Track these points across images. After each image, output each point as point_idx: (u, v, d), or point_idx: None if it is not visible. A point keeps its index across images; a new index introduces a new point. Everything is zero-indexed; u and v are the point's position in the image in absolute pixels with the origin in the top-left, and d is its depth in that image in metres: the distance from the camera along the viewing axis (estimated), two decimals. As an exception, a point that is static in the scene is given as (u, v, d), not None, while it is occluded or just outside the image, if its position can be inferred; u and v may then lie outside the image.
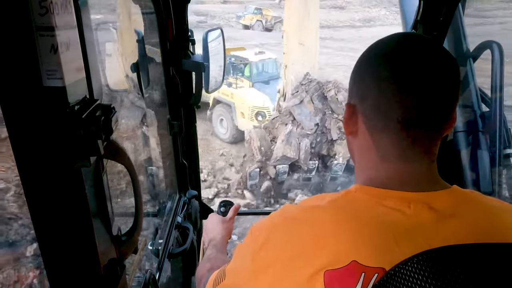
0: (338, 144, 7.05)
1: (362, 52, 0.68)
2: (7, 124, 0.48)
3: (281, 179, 6.99)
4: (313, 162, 6.91)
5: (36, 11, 0.44)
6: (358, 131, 0.69)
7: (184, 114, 1.73)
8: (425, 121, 0.61)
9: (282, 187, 7.15)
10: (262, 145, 6.98)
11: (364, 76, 0.65)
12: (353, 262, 0.55)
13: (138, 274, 1.16)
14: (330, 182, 6.98)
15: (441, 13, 1.36)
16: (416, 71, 0.59)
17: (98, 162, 0.59)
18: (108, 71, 1.58)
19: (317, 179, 7.02)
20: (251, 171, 6.91)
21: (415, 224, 0.58)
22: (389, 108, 0.61)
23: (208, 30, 1.59)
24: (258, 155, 6.96)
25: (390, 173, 0.65)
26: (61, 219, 0.56)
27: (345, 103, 0.71)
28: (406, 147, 0.63)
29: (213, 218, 1.29)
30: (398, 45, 0.63)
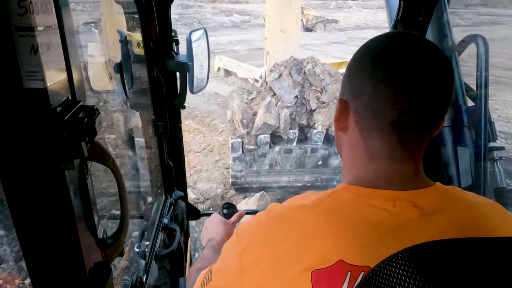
0: (316, 113, 7.17)
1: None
2: (-14, 127, 0.47)
3: (263, 151, 7.03)
4: (293, 132, 7.02)
5: (15, 11, 0.43)
6: (348, 127, 0.69)
7: (169, 115, 1.72)
8: (417, 125, 0.61)
9: (264, 161, 7.19)
10: (244, 118, 7.10)
11: (359, 73, 0.64)
12: (339, 262, 0.56)
13: (125, 277, 1.14)
14: (311, 155, 7.07)
15: (421, 12, 1.39)
16: (413, 75, 0.59)
17: (82, 164, 0.58)
18: (91, 72, 1.55)
19: (298, 152, 7.09)
20: (233, 142, 7.00)
21: (400, 222, 0.59)
22: (383, 109, 0.61)
23: (191, 30, 1.58)
24: (241, 128, 7.06)
25: (378, 172, 0.65)
26: (45, 222, 0.55)
27: (337, 99, 0.71)
28: (395, 148, 0.63)
29: (215, 218, 1.26)
30: (396, 45, 0.62)
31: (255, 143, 7.10)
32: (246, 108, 7.27)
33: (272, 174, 7.36)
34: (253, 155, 7.20)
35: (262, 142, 7.06)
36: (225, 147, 8.62)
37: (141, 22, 1.42)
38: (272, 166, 7.36)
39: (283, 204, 0.68)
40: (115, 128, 2.01)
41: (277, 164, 7.34)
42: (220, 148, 8.99)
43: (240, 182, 7.30)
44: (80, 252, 0.59)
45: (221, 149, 8.89)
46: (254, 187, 7.32)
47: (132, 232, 1.63)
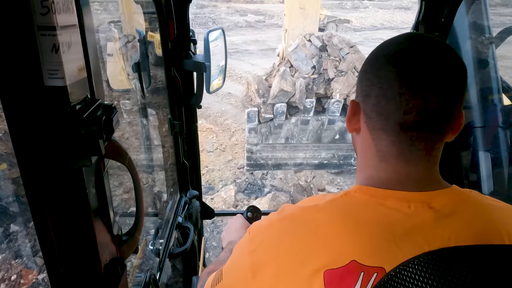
0: (334, 81, 6.95)
1: None
2: (8, 123, 0.48)
3: (279, 121, 6.82)
4: (310, 101, 6.81)
5: (37, 10, 0.44)
6: (360, 129, 0.69)
7: (185, 114, 1.73)
8: (425, 124, 0.60)
9: (280, 133, 6.97)
10: (259, 88, 6.99)
11: (369, 75, 0.65)
12: (352, 262, 0.56)
13: (138, 274, 1.16)
14: (328, 127, 6.82)
15: (443, 13, 1.36)
16: (418, 73, 0.59)
17: (99, 162, 0.59)
18: (110, 70, 1.58)
19: (315, 124, 6.85)
20: (249, 111, 6.83)
21: (415, 224, 0.58)
22: (389, 109, 0.61)
23: (209, 30, 1.59)
24: (256, 98, 6.95)
25: (389, 173, 0.65)
26: (62, 218, 0.56)
27: (350, 100, 0.72)
28: (405, 148, 0.63)
29: (239, 220, 1.24)
30: (403, 46, 0.62)
31: (272, 112, 6.86)
32: (261, 79, 7.13)
33: (288, 149, 7.10)
34: (269, 127, 6.96)
35: (278, 112, 6.82)
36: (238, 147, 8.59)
37: (159, 22, 1.44)
38: (288, 140, 7.09)
39: (296, 205, 0.68)
40: (132, 127, 2.04)
41: (293, 137, 7.08)
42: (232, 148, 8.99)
43: (255, 158, 7.07)
44: (95, 248, 0.60)
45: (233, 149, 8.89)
46: (269, 163, 7.11)
47: (146, 229, 1.64)
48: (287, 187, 7.76)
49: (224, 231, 1.25)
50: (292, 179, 8.11)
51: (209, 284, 0.79)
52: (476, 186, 1.61)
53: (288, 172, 8.21)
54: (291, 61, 7.17)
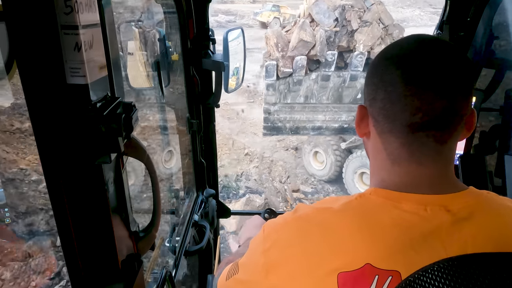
0: (358, 32, 6.46)
1: None
2: (32, 120, 0.50)
3: (299, 76, 6.42)
4: (332, 53, 6.34)
5: (61, 10, 0.45)
6: (370, 133, 0.69)
7: (203, 113, 1.75)
8: (432, 124, 0.59)
9: (299, 91, 6.57)
10: (278, 42, 6.58)
11: (374, 78, 0.65)
12: (367, 265, 0.55)
13: (155, 270, 1.17)
14: (350, 84, 6.33)
15: (469, 13, 1.32)
16: (422, 73, 0.58)
17: (118, 159, 0.60)
18: (130, 69, 1.61)
19: (336, 80, 6.38)
20: (267, 64, 6.42)
21: (432, 227, 0.57)
22: (395, 111, 0.61)
23: (228, 29, 1.59)
24: (275, 52, 6.54)
25: (402, 176, 0.64)
26: (81, 213, 0.57)
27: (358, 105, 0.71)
28: (415, 149, 0.62)
29: (257, 220, 1.28)
30: (406, 47, 0.63)
31: (291, 66, 6.43)
32: (281, 33, 6.73)
33: (307, 110, 6.79)
34: (287, 83, 6.56)
35: (298, 65, 6.43)
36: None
37: (179, 21, 1.45)
38: (308, 99, 6.69)
39: (311, 206, 0.68)
40: (151, 124, 2.07)
41: (313, 96, 6.69)
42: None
43: (273, 120, 6.79)
44: (113, 243, 0.61)
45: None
46: (287, 126, 6.86)
47: (163, 227, 1.67)
48: (261, 188, 7.63)
49: (242, 229, 1.28)
50: (267, 180, 8.01)
51: (225, 273, 0.80)
52: (501, 191, 1.56)
53: (263, 173, 8.10)
54: (312, 15, 6.70)
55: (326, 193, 7.79)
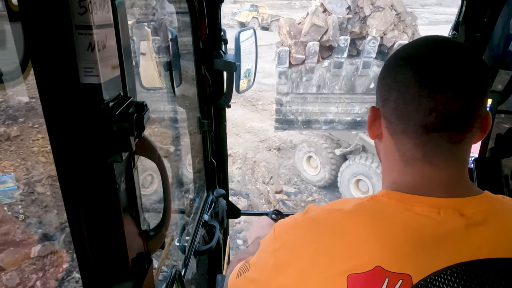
0: (371, 17, 6.37)
1: None
2: (46, 118, 0.50)
3: (311, 64, 6.34)
4: (345, 39, 6.22)
5: (76, 10, 0.45)
6: (382, 134, 0.68)
7: (214, 113, 1.75)
8: (447, 124, 0.59)
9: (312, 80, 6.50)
10: (291, 30, 6.56)
11: (386, 79, 0.64)
12: (377, 268, 0.54)
13: (164, 269, 1.18)
14: (363, 72, 6.23)
15: (486, 13, 1.29)
16: (436, 73, 0.58)
17: (129, 158, 0.61)
18: (142, 69, 1.62)
19: (349, 68, 6.28)
20: (280, 50, 6.33)
21: (445, 231, 0.56)
22: (409, 111, 0.60)
23: (240, 29, 1.59)
24: (288, 39, 6.52)
25: (415, 177, 0.63)
26: (93, 211, 0.58)
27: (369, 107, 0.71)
28: (429, 151, 0.61)
29: (265, 220, 1.30)
30: (419, 48, 0.62)
31: (303, 52, 6.31)
32: (293, 21, 6.70)
33: (319, 101, 6.67)
34: (300, 71, 6.44)
35: (310, 52, 6.30)
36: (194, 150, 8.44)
37: (191, 21, 1.46)
38: (320, 88, 6.54)
39: (321, 207, 0.68)
40: (162, 124, 2.08)
41: (325, 86, 6.53)
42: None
43: (285, 112, 6.70)
44: (124, 241, 0.61)
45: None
46: (299, 119, 6.76)
47: (173, 226, 1.68)
48: (245, 189, 7.54)
49: (250, 229, 1.29)
50: (250, 181, 7.93)
51: (236, 271, 0.81)
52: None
53: (246, 174, 8.02)
54: (325, 4, 6.63)
55: (309, 193, 7.70)
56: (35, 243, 2.83)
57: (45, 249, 2.82)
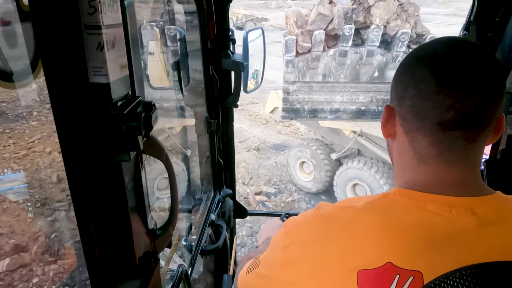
0: (374, 7, 6.63)
1: None
2: (55, 117, 0.51)
3: (317, 52, 6.54)
4: (349, 27, 6.45)
5: (85, 10, 0.46)
6: (396, 133, 0.68)
7: (222, 113, 1.75)
8: (464, 122, 0.59)
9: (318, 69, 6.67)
10: (298, 20, 6.83)
11: (403, 77, 0.64)
12: (388, 264, 0.55)
13: (171, 268, 1.18)
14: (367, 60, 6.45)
15: (498, 13, 1.27)
16: (455, 71, 0.58)
17: (137, 157, 0.61)
18: (150, 69, 1.63)
19: (353, 57, 6.50)
20: (287, 39, 6.59)
21: (456, 229, 0.56)
22: (426, 109, 0.60)
23: (249, 29, 1.59)
24: (295, 29, 6.76)
25: (429, 176, 0.63)
26: (101, 210, 0.58)
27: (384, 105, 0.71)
28: (444, 148, 0.61)
29: (276, 222, 1.32)
30: (438, 48, 0.62)
31: (310, 41, 6.54)
32: (300, 12, 6.99)
33: (325, 90, 6.79)
34: (306, 60, 6.59)
35: (316, 40, 6.47)
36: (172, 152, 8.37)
37: (199, 21, 1.46)
38: (326, 77, 6.69)
39: (333, 204, 0.68)
40: (170, 124, 2.09)
41: (330, 74, 6.67)
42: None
43: (292, 100, 6.83)
44: (131, 240, 0.62)
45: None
46: (305, 108, 6.86)
47: (180, 225, 1.68)
48: None
49: (260, 230, 1.31)
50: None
51: (246, 267, 0.82)
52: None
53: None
54: None
55: (289, 192, 7.64)
56: (6, 255, 2.74)
57: (15, 263, 2.73)
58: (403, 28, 6.20)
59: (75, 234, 3.42)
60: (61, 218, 3.59)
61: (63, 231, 3.45)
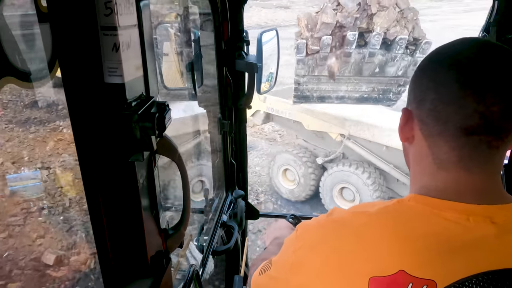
0: (376, 16, 7.32)
1: None
2: (71, 116, 0.52)
3: (324, 53, 7.20)
4: (353, 34, 7.18)
5: (101, 11, 0.46)
6: (414, 137, 0.66)
7: (234, 114, 1.76)
8: (487, 128, 0.57)
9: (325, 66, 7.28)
10: (308, 23, 7.51)
11: (423, 80, 0.63)
12: (400, 272, 0.53)
13: (182, 268, 1.19)
14: (369, 60, 7.17)
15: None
16: (479, 75, 0.56)
17: (150, 157, 0.62)
18: (165, 69, 1.64)
19: (357, 57, 7.19)
20: (298, 43, 7.34)
21: (474, 238, 0.55)
22: (448, 113, 0.58)
23: (263, 30, 1.59)
24: (305, 32, 7.50)
25: (447, 182, 0.61)
26: (114, 209, 0.59)
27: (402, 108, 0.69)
28: (465, 154, 0.59)
29: (283, 223, 1.32)
30: (459, 49, 0.61)
31: (318, 44, 7.22)
32: (310, 14, 7.67)
33: (331, 82, 7.36)
34: (315, 59, 7.19)
35: (324, 44, 7.14)
36: None
37: (214, 23, 1.47)
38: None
39: (347, 210, 0.67)
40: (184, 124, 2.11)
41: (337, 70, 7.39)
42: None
43: (302, 89, 7.34)
44: (143, 239, 0.62)
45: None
46: (314, 95, 7.41)
47: (192, 225, 1.69)
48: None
49: (267, 232, 1.30)
50: None
51: (259, 269, 0.82)
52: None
53: None
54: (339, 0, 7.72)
55: (255, 194, 7.50)
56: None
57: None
58: (402, 34, 6.89)
59: (31, 250, 3.41)
60: (15, 234, 3.55)
61: (18, 248, 3.42)
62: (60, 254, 3.87)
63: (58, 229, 4.28)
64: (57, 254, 3.85)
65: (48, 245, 3.99)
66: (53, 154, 5.41)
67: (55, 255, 3.82)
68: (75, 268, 3.82)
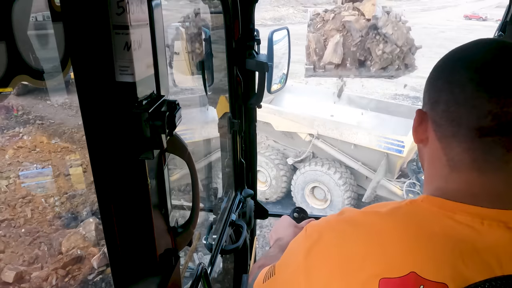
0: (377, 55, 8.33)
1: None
2: (82, 114, 0.52)
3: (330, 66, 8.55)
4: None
5: (114, 10, 0.47)
6: (428, 139, 0.66)
7: (245, 113, 1.76)
8: (501, 129, 0.56)
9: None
10: (316, 47, 8.64)
11: (437, 81, 0.62)
12: (411, 273, 0.53)
13: (190, 266, 1.20)
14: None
15: (536, 13, 1.21)
16: (494, 75, 0.55)
17: (160, 155, 0.62)
18: (175, 68, 1.65)
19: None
20: (307, 67, 8.70)
21: (487, 243, 0.54)
22: (461, 114, 0.58)
23: (274, 30, 1.59)
24: (313, 56, 8.67)
25: (460, 184, 0.60)
26: (124, 206, 0.60)
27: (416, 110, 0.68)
28: (479, 156, 0.58)
29: (286, 220, 1.28)
30: (474, 50, 0.60)
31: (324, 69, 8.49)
32: (319, 37, 8.67)
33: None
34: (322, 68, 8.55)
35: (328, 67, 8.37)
36: None
37: (225, 22, 1.47)
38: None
39: (358, 210, 0.66)
40: (194, 122, 2.11)
41: None
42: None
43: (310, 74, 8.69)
44: (152, 237, 0.63)
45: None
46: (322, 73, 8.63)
47: (201, 224, 1.69)
48: None
49: (271, 231, 1.28)
50: None
51: (261, 278, 0.80)
52: None
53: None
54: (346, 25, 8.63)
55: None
56: None
57: None
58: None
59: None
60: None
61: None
62: (20, 270, 3.75)
63: (19, 242, 4.16)
64: (17, 270, 3.73)
65: (8, 260, 3.86)
66: (12, 163, 5.24)
67: (15, 271, 3.70)
68: (37, 285, 3.71)
